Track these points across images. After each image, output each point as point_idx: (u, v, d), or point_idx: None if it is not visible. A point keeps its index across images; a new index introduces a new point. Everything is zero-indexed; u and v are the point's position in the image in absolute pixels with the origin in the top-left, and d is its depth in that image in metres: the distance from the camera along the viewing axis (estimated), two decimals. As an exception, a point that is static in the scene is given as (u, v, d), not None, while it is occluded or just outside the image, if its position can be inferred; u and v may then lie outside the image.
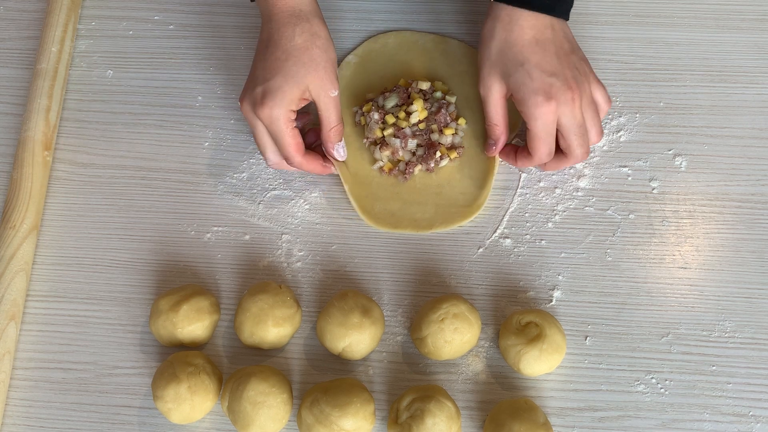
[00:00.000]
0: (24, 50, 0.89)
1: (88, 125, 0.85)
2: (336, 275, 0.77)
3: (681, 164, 0.80)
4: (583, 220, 0.78)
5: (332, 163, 0.78)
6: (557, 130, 0.73)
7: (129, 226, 0.80)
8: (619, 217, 0.78)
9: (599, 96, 0.75)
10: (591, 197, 0.79)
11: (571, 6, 0.75)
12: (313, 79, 0.73)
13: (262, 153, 0.76)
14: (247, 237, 0.79)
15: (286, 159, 0.75)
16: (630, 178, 0.79)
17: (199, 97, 0.86)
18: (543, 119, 0.71)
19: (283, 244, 0.79)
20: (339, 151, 0.77)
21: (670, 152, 0.80)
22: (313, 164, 0.77)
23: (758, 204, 0.78)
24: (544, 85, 0.71)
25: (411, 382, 0.73)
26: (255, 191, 0.81)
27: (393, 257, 0.78)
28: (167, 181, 0.82)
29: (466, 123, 0.81)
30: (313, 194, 0.80)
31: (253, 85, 0.74)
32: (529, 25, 0.72)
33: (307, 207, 0.80)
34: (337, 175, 0.79)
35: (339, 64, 0.85)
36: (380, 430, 0.71)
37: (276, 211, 0.80)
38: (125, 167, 0.83)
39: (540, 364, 0.70)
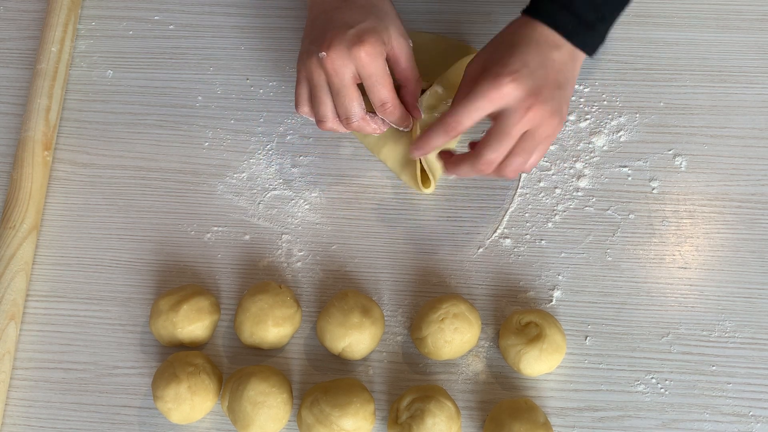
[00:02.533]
0: (24, 50, 0.89)
1: (88, 125, 0.85)
2: (336, 275, 0.77)
3: (681, 164, 0.80)
4: (583, 220, 0.78)
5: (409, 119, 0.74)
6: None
7: (129, 226, 0.80)
8: (619, 217, 0.78)
9: (535, 159, 0.68)
10: (591, 197, 0.79)
11: (599, 42, 0.69)
12: (394, 28, 0.71)
13: (345, 109, 0.70)
14: (247, 237, 0.79)
15: (382, 103, 0.70)
16: (630, 178, 0.79)
17: (199, 97, 0.86)
18: (488, 88, 0.64)
19: (283, 244, 0.79)
20: (419, 108, 0.74)
21: (670, 152, 0.80)
22: (400, 110, 0.71)
23: (758, 204, 0.78)
24: (517, 68, 0.65)
25: (411, 382, 0.73)
26: (255, 191, 0.81)
27: (393, 257, 0.78)
28: (167, 181, 0.82)
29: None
30: (313, 194, 0.80)
31: (342, 31, 0.68)
32: (543, 37, 0.67)
33: (307, 207, 0.80)
34: (339, 175, 0.79)
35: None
36: (380, 430, 0.71)
37: (276, 211, 0.80)
38: (125, 167, 0.83)
39: (540, 364, 0.70)
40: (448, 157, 0.71)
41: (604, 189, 0.79)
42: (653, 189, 0.79)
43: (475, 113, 0.65)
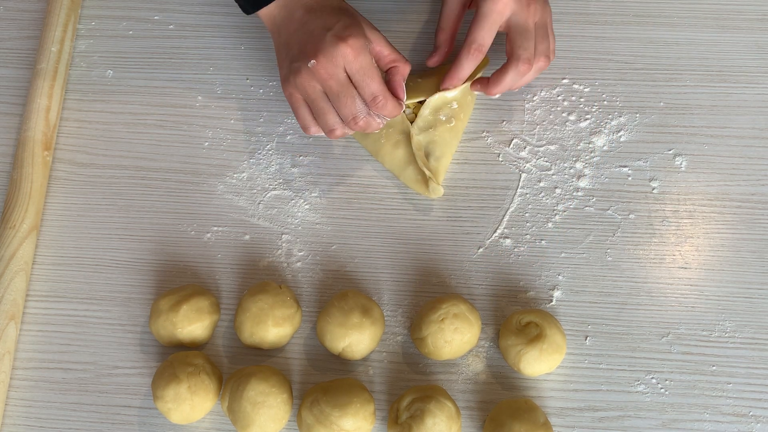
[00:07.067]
0: (24, 50, 0.89)
1: (88, 125, 0.85)
2: (336, 275, 0.77)
3: (681, 164, 0.80)
4: (583, 220, 0.78)
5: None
6: (506, 36, 0.75)
7: (129, 226, 0.80)
8: (619, 217, 0.78)
9: (553, 42, 0.77)
10: (591, 197, 0.79)
11: None
12: (365, 23, 0.71)
13: (349, 109, 0.70)
14: (247, 237, 0.79)
15: (374, 97, 0.70)
16: (630, 178, 0.79)
17: (199, 97, 0.86)
18: (491, 6, 0.72)
19: (283, 244, 0.79)
20: (403, 87, 0.75)
21: (670, 152, 0.80)
22: (392, 101, 0.71)
23: (758, 204, 0.78)
24: None
25: (411, 382, 0.73)
26: (255, 191, 0.81)
27: (393, 257, 0.78)
28: (167, 181, 0.82)
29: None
30: (313, 194, 0.80)
31: (322, 36, 0.68)
32: None
33: (307, 207, 0.80)
34: (339, 175, 0.79)
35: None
36: (380, 430, 0.71)
37: (276, 211, 0.80)
38: (125, 167, 0.83)
39: (540, 364, 0.70)
40: (485, 82, 0.77)
41: (604, 189, 0.79)
42: (653, 189, 0.79)
43: (491, 30, 0.73)
